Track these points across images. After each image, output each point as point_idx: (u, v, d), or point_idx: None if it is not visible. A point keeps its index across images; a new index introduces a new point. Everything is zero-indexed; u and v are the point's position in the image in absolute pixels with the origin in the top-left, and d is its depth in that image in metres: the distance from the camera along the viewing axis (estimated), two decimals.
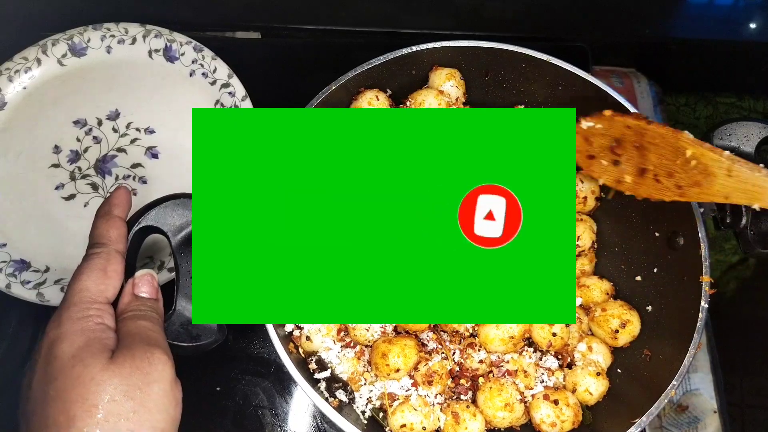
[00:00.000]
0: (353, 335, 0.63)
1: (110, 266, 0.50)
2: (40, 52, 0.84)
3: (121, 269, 0.51)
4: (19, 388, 0.49)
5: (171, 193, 0.59)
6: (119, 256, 0.52)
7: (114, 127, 0.83)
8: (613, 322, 0.64)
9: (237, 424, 0.73)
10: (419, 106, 0.69)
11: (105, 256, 0.51)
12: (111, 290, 0.50)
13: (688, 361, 0.58)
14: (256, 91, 0.83)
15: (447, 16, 1.01)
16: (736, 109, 1.02)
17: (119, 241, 0.53)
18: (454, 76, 0.71)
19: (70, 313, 0.47)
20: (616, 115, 0.59)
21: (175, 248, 0.57)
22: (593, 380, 0.62)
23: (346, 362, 0.63)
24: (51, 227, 0.76)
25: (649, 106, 0.95)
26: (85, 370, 0.44)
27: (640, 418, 0.56)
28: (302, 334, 0.63)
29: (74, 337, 0.46)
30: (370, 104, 0.69)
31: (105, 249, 0.51)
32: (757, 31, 1.05)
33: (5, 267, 0.73)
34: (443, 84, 0.71)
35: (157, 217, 0.57)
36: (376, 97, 0.69)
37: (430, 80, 0.72)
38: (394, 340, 0.61)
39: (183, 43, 0.86)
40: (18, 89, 0.84)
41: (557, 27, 1.03)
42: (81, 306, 0.48)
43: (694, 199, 0.56)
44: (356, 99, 0.70)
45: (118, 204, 0.55)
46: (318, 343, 0.62)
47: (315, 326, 0.62)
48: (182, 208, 0.58)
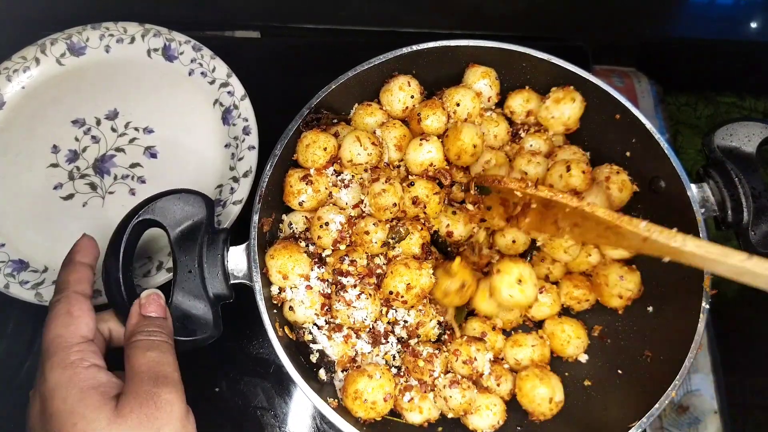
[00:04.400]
0: (335, 314, 0.62)
1: (74, 308, 0.50)
2: (39, 51, 0.84)
3: (86, 308, 0.51)
4: (19, 388, 0.49)
5: (171, 188, 0.59)
6: (81, 297, 0.51)
7: (113, 126, 0.83)
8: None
9: (236, 425, 0.72)
10: (454, 105, 0.69)
11: (65, 300, 0.51)
12: (84, 328, 0.50)
13: (689, 362, 0.57)
14: (255, 90, 0.83)
15: (447, 15, 1.01)
16: (737, 109, 1.02)
17: (79, 282, 0.53)
18: (489, 75, 0.71)
19: (52, 363, 0.46)
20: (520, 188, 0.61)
21: (173, 242, 0.57)
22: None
23: (335, 346, 0.63)
24: (49, 227, 0.76)
25: (650, 105, 0.95)
26: (88, 427, 0.43)
27: (640, 419, 0.56)
28: (285, 303, 0.62)
29: (66, 391, 0.44)
30: (401, 89, 0.69)
31: (65, 294, 0.51)
32: (758, 30, 1.05)
33: (3, 267, 0.72)
34: (477, 81, 0.71)
35: (156, 210, 0.58)
36: (407, 83, 0.69)
37: (465, 77, 0.72)
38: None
39: (182, 43, 0.86)
40: (16, 89, 0.83)
41: (557, 27, 1.03)
42: (60, 354, 0.47)
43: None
44: (388, 82, 0.70)
45: (79, 250, 0.55)
46: (301, 314, 0.62)
47: (297, 297, 0.62)
48: (182, 202, 0.58)
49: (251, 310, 0.58)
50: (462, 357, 0.63)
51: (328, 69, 0.68)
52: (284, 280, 0.61)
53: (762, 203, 0.62)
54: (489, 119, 0.72)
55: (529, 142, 0.72)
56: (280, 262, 0.61)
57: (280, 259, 0.61)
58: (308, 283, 0.62)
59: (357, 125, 0.70)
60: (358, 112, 0.70)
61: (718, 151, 0.65)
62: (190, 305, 0.56)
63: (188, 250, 0.57)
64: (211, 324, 0.57)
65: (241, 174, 0.77)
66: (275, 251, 0.61)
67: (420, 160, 0.66)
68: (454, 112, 0.70)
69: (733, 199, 0.63)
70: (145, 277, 0.71)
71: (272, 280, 0.62)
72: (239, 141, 0.80)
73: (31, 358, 0.73)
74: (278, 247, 0.62)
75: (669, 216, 0.66)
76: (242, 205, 0.75)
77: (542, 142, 0.72)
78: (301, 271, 0.62)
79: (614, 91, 0.68)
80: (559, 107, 0.69)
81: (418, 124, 0.68)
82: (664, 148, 0.64)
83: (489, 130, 0.71)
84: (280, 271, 0.61)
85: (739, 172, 0.63)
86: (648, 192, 0.68)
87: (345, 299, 0.60)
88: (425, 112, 0.68)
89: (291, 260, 0.61)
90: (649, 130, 0.65)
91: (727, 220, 0.63)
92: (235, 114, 0.82)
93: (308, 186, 0.64)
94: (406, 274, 0.61)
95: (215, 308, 0.58)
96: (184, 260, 0.57)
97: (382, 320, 0.64)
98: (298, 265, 0.61)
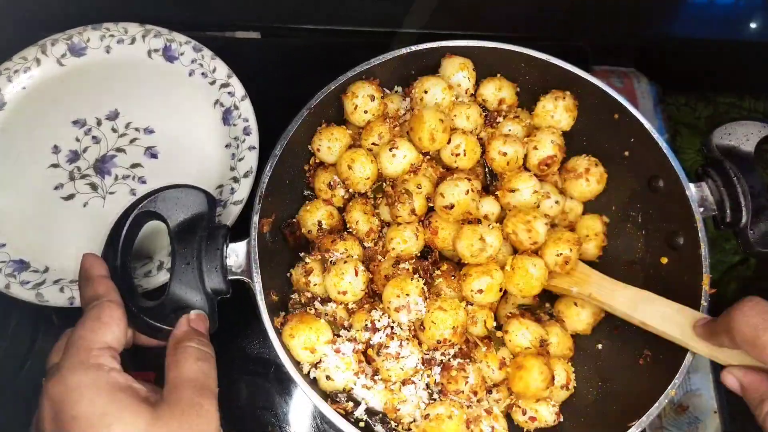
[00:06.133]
0: (386, 374, 0.60)
1: (104, 314, 0.49)
2: (40, 52, 0.84)
3: (117, 315, 0.50)
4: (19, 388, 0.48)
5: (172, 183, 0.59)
6: (113, 305, 0.51)
7: (113, 127, 0.83)
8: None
9: (236, 425, 0.72)
10: (422, 95, 0.68)
11: (98, 306, 0.50)
12: (109, 335, 0.48)
13: (688, 361, 0.58)
14: (255, 91, 0.83)
15: (447, 16, 1.01)
16: (737, 109, 1.02)
17: (109, 293, 0.52)
18: (467, 67, 0.71)
19: (72, 364, 0.44)
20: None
21: (173, 233, 0.58)
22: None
23: (377, 394, 0.61)
24: (50, 227, 0.76)
25: (650, 106, 0.95)
26: (125, 429, 0.41)
27: (640, 418, 0.56)
28: (320, 376, 0.60)
29: (93, 392, 0.43)
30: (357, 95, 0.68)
31: (97, 302, 0.50)
32: (758, 30, 1.05)
33: (4, 267, 0.72)
34: (455, 74, 0.70)
35: (157, 203, 0.58)
36: (353, 94, 0.68)
37: (442, 67, 0.71)
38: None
39: (182, 43, 0.86)
40: (17, 89, 0.83)
41: (557, 27, 1.03)
42: (81, 356, 0.45)
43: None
44: (346, 96, 0.68)
45: (89, 267, 0.54)
46: (341, 380, 0.60)
47: (331, 364, 0.60)
48: (184, 197, 0.59)
49: (251, 309, 0.58)
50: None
51: (328, 69, 0.68)
52: (312, 354, 0.60)
53: (760, 202, 0.62)
54: (460, 104, 0.70)
55: (507, 127, 0.71)
56: (303, 338, 0.59)
57: (302, 335, 0.59)
58: (336, 346, 0.61)
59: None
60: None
61: (717, 151, 0.65)
62: (187, 297, 0.56)
63: (187, 242, 0.57)
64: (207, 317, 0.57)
65: (241, 174, 0.78)
66: (293, 329, 0.59)
67: (399, 170, 0.66)
68: (420, 99, 0.68)
69: (732, 198, 0.63)
70: (146, 277, 0.71)
71: (299, 359, 0.60)
72: (239, 141, 0.80)
73: (32, 358, 0.73)
74: (294, 324, 0.59)
75: (668, 216, 0.66)
76: (242, 206, 0.75)
77: (520, 128, 0.71)
78: (327, 339, 0.60)
79: (613, 91, 0.68)
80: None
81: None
82: (663, 147, 0.65)
83: (461, 112, 0.69)
84: (306, 347, 0.59)
85: (738, 172, 0.63)
86: (647, 191, 0.68)
87: (391, 354, 0.59)
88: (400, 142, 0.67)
89: (313, 332, 0.59)
90: (648, 130, 0.66)
91: (725, 220, 0.63)
92: (235, 114, 0.82)
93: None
94: (448, 318, 0.59)
95: (212, 302, 0.57)
96: (183, 252, 0.57)
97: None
98: (322, 334, 0.60)
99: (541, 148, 0.69)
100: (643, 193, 0.68)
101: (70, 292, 0.70)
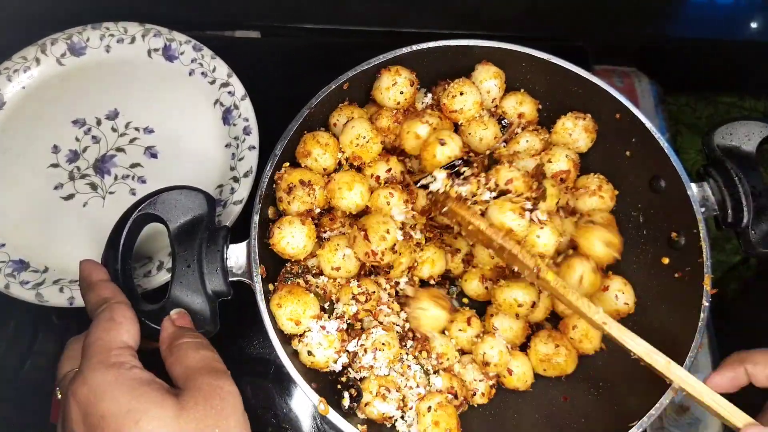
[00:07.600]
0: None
1: (116, 314, 0.49)
2: (39, 51, 0.84)
3: (130, 315, 0.50)
4: (19, 388, 0.48)
5: (172, 183, 0.59)
6: (123, 305, 0.51)
7: (113, 126, 0.83)
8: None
9: None
10: (452, 99, 0.69)
11: (109, 308, 0.50)
12: (125, 334, 0.48)
13: (689, 362, 0.58)
14: (255, 90, 0.83)
15: (447, 15, 1.01)
16: (737, 109, 1.02)
17: (116, 295, 0.52)
18: (500, 76, 0.71)
19: (92, 364, 0.45)
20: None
21: (173, 236, 0.58)
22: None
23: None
24: (50, 227, 0.76)
25: (650, 105, 0.95)
26: (152, 423, 0.42)
27: (641, 419, 0.56)
28: (301, 349, 0.60)
29: (116, 390, 0.43)
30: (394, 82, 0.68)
31: (107, 305, 0.50)
32: (758, 30, 1.05)
33: (4, 267, 0.72)
34: (487, 80, 0.71)
35: (157, 205, 0.58)
36: (397, 71, 0.68)
37: (476, 73, 0.71)
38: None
39: (182, 43, 0.86)
40: (17, 89, 0.83)
41: (557, 27, 1.03)
42: (100, 356, 0.45)
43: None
44: (388, 70, 0.69)
45: (89, 273, 0.54)
46: (322, 357, 0.60)
47: (314, 340, 0.60)
48: (184, 198, 0.59)
49: (251, 309, 0.58)
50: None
51: (328, 69, 0.68)
52: (297, 326, 0.60)
53: (762, 202, 0.62)
54: (478, 121, 0.70)
55: (525, 138, 0.71)
56: (290, 309, 0.59)
57: (289, 306, 0.59)
58: (322, 323, 0.61)
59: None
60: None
61: (718, 151, 0.65)
62: (188, 300, 0.56)
63: (187, 244, 0.57)
64: (209, 319, 0.57)
65: (241, 174, 0.78)
66: (281, 299, 0.59)
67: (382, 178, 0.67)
68: (453, 97, 0.69)
69: (734, 198, 0.63)
70: (145, 277, 0.71)
71: (284, 329, 0.60)
72: (240, 141, 0.80)
73: (32, 358, 0.73)
74: (284, 294, 0.60)
75: (669, 216, 0.66)
76: (243, 205, 0.75)
77: (538, 140, 0.71)
78: (313, 313, 0.60)
79: (614, 91, 0.68)
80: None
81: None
82: (664, 147, 0.64)
83: (475, 132, 0.70)
84: (291, 318, 0.59)
85: (739, 172, 0.63)
86: (648, 192, 0.68)
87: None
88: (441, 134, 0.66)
89: (300, 305, 0.59)
90: (649, 130, 0.66)
91: (727, 220, 0.63)
92: (235, 114, 0.82)
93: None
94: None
95: (213, 304, 0.57)
96: (183, 254, 0.57)
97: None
98: (309, 308, 0.60)
99: (556, 161, 0.68)
100: (644, 193, 0.68)
101: (70, 292, 0.70)
